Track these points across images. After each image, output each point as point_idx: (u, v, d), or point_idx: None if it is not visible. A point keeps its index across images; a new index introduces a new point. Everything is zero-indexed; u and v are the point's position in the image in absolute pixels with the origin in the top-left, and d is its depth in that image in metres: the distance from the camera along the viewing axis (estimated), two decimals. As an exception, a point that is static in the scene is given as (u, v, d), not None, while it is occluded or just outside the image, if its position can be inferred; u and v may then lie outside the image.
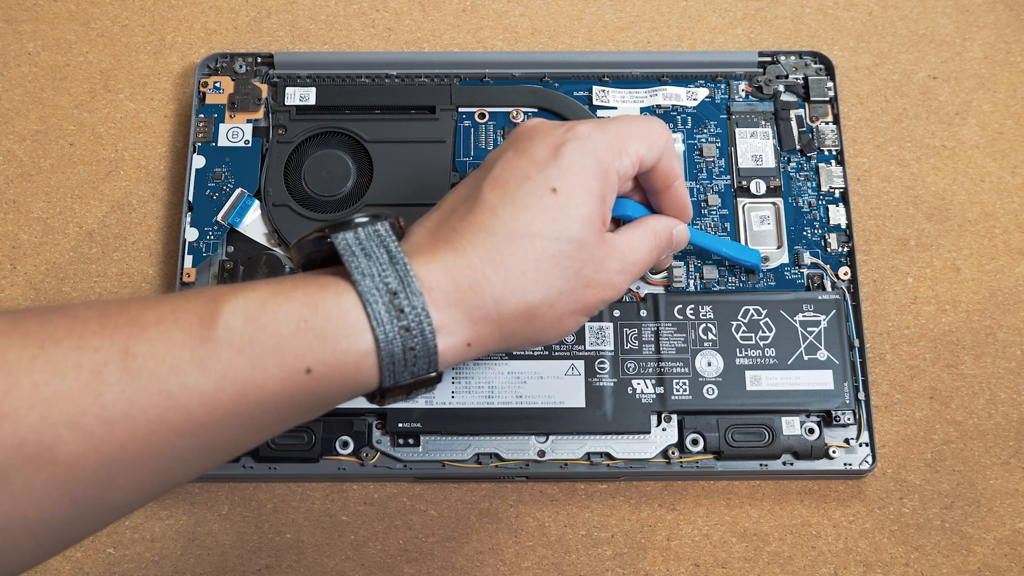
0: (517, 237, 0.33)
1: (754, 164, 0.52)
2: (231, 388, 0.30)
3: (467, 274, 0.33)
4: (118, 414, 0.28)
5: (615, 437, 0.46)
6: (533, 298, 0.34)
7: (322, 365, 0.31)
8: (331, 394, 0.32)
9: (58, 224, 0.52)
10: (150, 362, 0.29)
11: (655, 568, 0.46)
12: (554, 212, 0.34)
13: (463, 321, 0.33)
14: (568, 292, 0.34)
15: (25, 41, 0.56)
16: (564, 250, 0.34)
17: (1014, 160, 0.53)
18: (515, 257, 0.33)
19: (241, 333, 0.30)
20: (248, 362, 0.30)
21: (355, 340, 0.31)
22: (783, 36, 0.56)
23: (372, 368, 0.32)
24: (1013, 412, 0.49)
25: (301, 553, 0.46)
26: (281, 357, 0.30)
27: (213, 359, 0.29)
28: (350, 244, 0.32)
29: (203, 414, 0.29)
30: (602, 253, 0.35)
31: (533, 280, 0.33)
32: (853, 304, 0.49)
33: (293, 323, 0.31)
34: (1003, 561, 0.46)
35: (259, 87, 0.53)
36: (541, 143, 0.36)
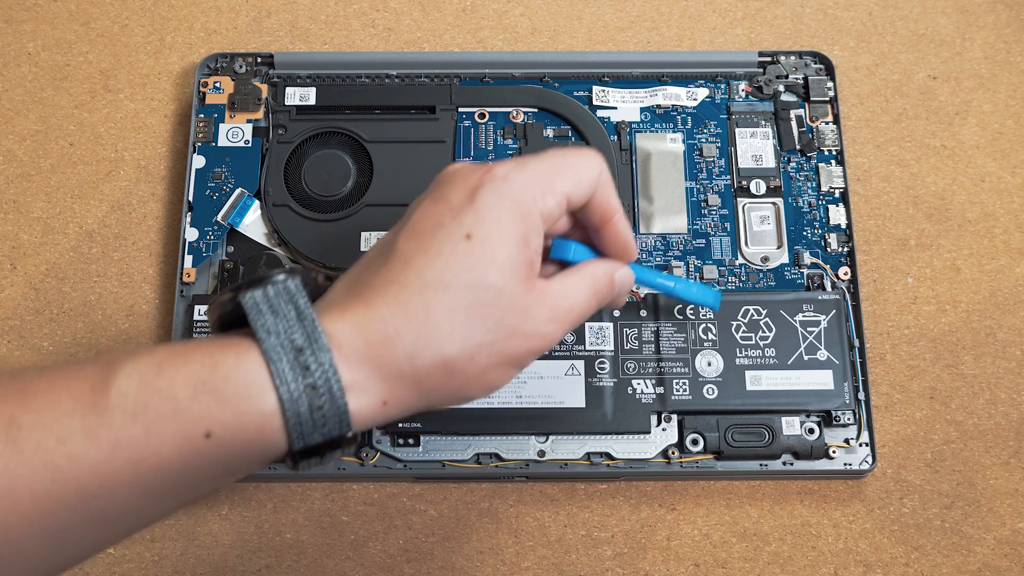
0: (430, 287, 0.31)
1: (754, 164, 0.52)
2: (124, 457, 0.28)
3: (378, 329, 0.31)
4: (1, 490, 0.27)
5: (615, 437, 0.46)
6: (450, 351, 0.31)
7: (222, 428, 0.29)
8: (236, 459, 0.30)
9: (58, 224, 0.52)
10: (36, 433, 0.27)
11: (655, 568, 0.46)
12: (469, 260, 0.32)
13: (376, 378, 0.31)
14: (489, 343, 0.32)
15: (25, 41, 0.56)
16: (481, 299, 0.31)
17: (1014, 160, 0.53)
18: (428, 309, 0.31)
19: (135, 398, 0.28)
20: (142, 429, 0.28)
21: (257, 400, 0.29)
22: (783, 36, 0.56)
23: (278, 430, 0.30)
24: (1013, 412, 0.49)
25: (301, 553, 0.46)
26: (178, 422, 0.28)
27: (104, 427, 0.28)
28: (257, 302, 0.30)
29: (94, 486, 0.28)
30: (527, 300, 0.33)
31: (448, 332, 0.31)
32: (853, 304, 0.49)
33: (190, 386, 0.29)
34: (1003, 561, 0.46)
35: (259, 87, 0.53)
36: (457, 188, 0.33)
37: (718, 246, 0.50)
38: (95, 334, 0.50)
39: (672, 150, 0.52)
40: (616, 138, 0.52)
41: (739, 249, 0.50)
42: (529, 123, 0.52)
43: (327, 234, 0.50)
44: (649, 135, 0.52)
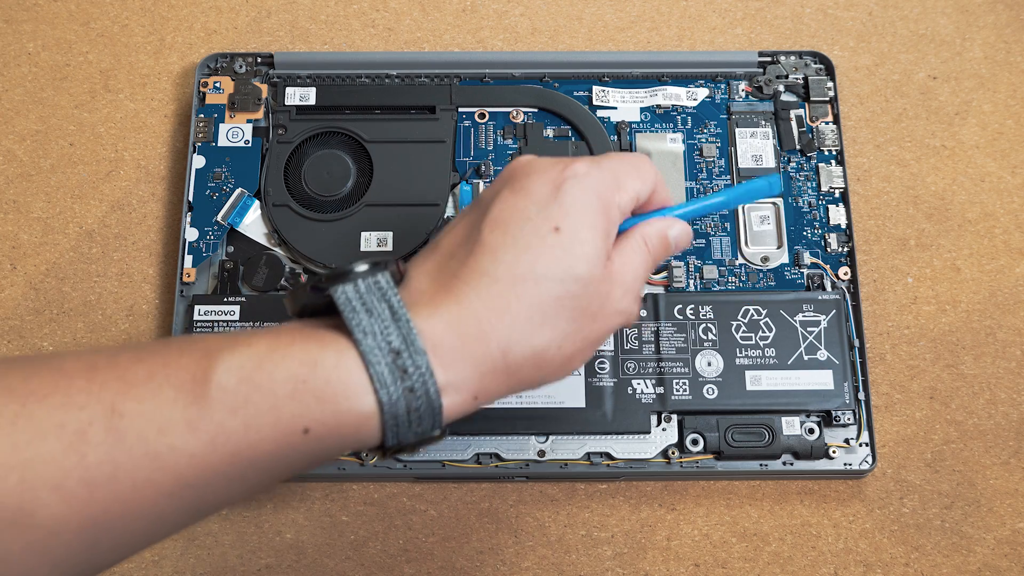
0: (521, 281, 0.32)
1: (754, 164, 0.52)
2: (223, 450, 0.28)
3: (471, 324, 0.31)
4: (102, 477, 0.27)
5: (615, 437, 0.46)
6: (540, 342, 0.32)
7: (320, 426, 0.30)
8: (329, 452, 0.31)
9: (58, 224, 0.52)
10: (138, 422, 0.28)
11: (655, 568, 0.46)
12: (558, 252, 0.32)
13: (469, 376, 0.31)
14: (575, 331, 0.33)
15: (25, 41, 0.56)
16: (571, 290, 0.33)
17: (1014, 160, 0.53)
18: (520, 302, 0.32)
19: (235, 392, 0.29)
20: (241, 423, 0.29)
21: (356, 402, 0.30)
22: (783, 36, 0.56)
23: (374, 429, 0.30)
24: (1013, 412, 0.49)
25: (301, 553, 0.46)
26: (277, 417, 0.29)
27: (205, 420, 0.28)
28: (350, 299, 0.31)
29: (192, 476, 0.28)
30: (607, 287, 0.34)
31: (540, 324, 0.32)
32: (853, 304, 0.49)
33: (290, 383, 0.29)
34: (1003, 561, 0.46)
35: (259, 87, 0.53)
36: (539, 181, 0.34)
37: (718, 246, 0.50)
38: (95, 334, 0.50)
39: (672, 150, 0.52)
40: (616, 138, 0.52)
41: (739, 249, 0.50)
42: (529, 123, 0.52)
43: (327, 234, 0.50)
44: (649, 135, 0.52)
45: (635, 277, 0.35)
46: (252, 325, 0.48)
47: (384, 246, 0.49)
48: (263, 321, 0.48)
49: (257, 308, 0.48)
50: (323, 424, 0.30)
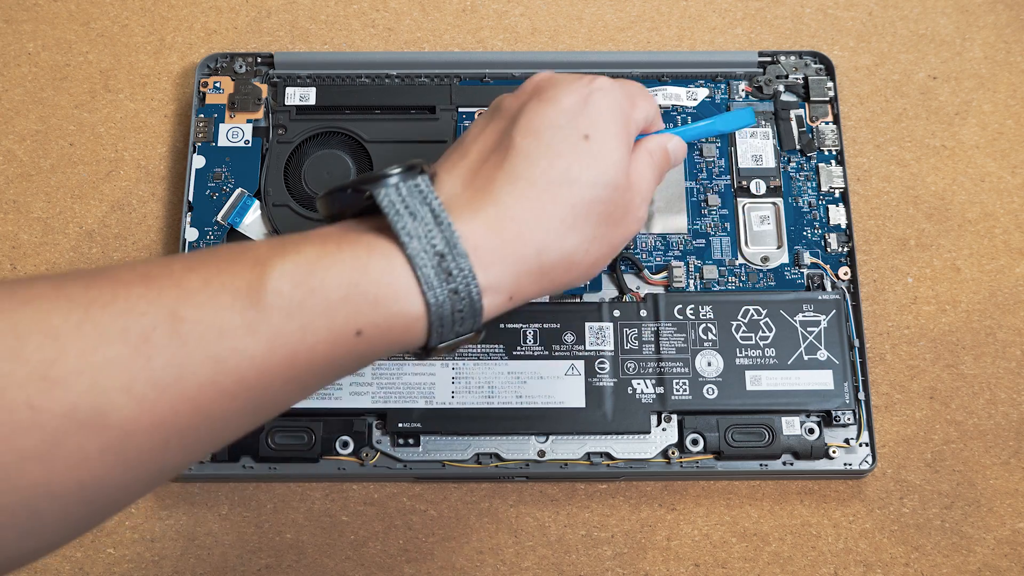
0: (556, 184, 0.34)
1: (754, 164, 0.52)
2: (281, 352, 0.29)
3: (510, 228, 0.33)
4: (169, 379, 0.28)
5: (615, 437, 0.46)
6: (571, 244, 0.34)
7: (373, 327, 0.31)
8: (378, 353, 0.32)
9: (58, 224, 0.52)
10: (199, 327, 0.28)
11: (655, 568, 0.46)
12: (588, 158, 0.34)
13: (507, 277, 0.33)
14: (601, 235, 0.35)
15: (25, 41, 0.56)
16: (600, 195, 0.34)
17: (1014, 160, 0.53)
18: (556, 205, 0.33)
19: (290, 297, 0.30)
20: (298, 326, 0.30)
21: (406, 304, 0.31)
22: (783, 36, 0.56)
23: (421, 330, 0.32)
24: (1013, 412, 0.49)
25: (301, 553, 0.46)
26: (331, 320, 0.30)
27: (263, 323, 0.29)
28: (393, 201, 0.32)
29: (253, 377, 0.29)
30: (629, 194, 0.36)
31: (572, 227, 0.34)
32: (853, 304, 0.49)
33: (343, 287, 0.30)
34: (1003, 561, 0.46)
35: (259, 87, 0.53)
36: (568, 92, 0.36)
37: (718, 246, 0.50)
38: (95, 334, 0.50)
39: (672, 150, 0.52)
40: (616, 138, 0.52)
41: (739, 249, 0.50)
42: (529, 123, 0.52)
43: (327, 234, 0.50)
44: (649, 135, 0.52)
45: (648, 187, 0.38)
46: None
47: (384, 246, 0.49)
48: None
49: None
50: (375, 326, 0.31)
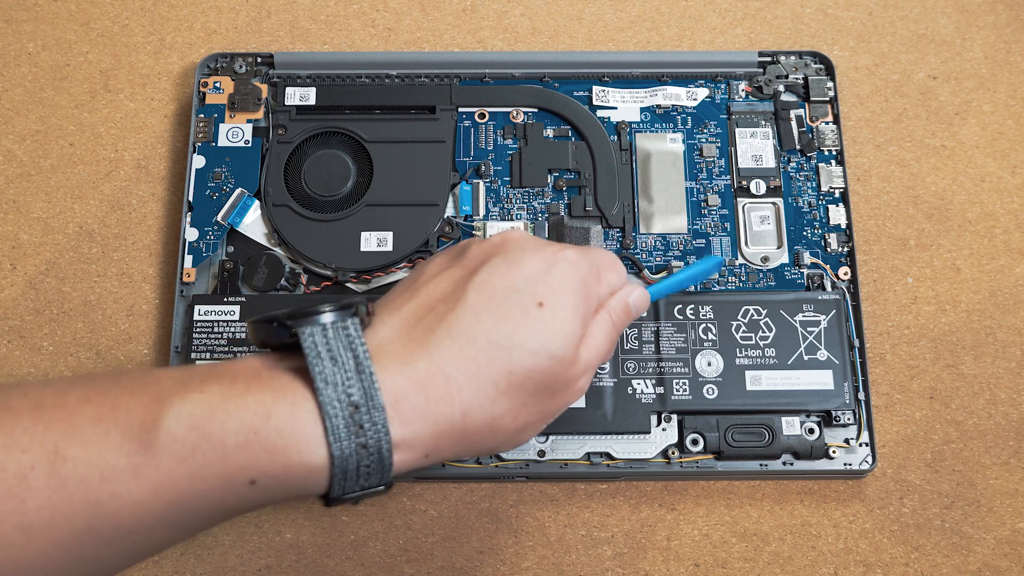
0: (496, 347, 0.32)
1: (754, 164, 0.52)
2: (167, 497, 0.28)
3: (439, 385, 0.31)
4: (41, 523, 0.26)
5: (615, 437, 0.46)
6: (499, 410, 0.33)
7: (268, 478, 0.29)
8: (274, 500, 0.30)
9: (58, 224, 0.52)
10: (81, 467, 0.27)
11: (655, 568, 0.46)
12: (539, 326, 0.33)
13: (426, 434, 0.31)
14: (533, 404, 0.34)
15: (25, 41, 0.56)
16: (541, 365, 0.33)
17: (1014, 160, 0.53)
18: (492, 368, 0.32)
19: (184, 442, 0.28)
20: (187, 472, 0.28)
21: (307, 455, 0.29)
22: (783, 36, 0.56)
23: (322, 481, 0.30)
24: (1013, 412, 0.49)
25: (301, 553, 0.46)
26: (224, 469, 0.29)
27: (150, 468, 0.28)
28: (316, 344, 0.30)
29: (133, 523, 0.28)
30: (573, 369, 0.35)
31: (503, 392, 0.32)
32: (853, 304, 0.49)
33: (242, 433, 0.29)
34: (1003, 561, 0.46)
35: (259, 87, 0.53)
36: (533, 257, 0.35)
37: (718, 246, 0.50)
38: (95, 334, 0.50)
39: (672, 150, 0.52)
40: (616, 138, 0.52)
41: (739, 249, 0.50)
42: (529, 123, 0.52)
43: (327, 234, 0.50)
44: (649, 135, 0.52)
45: (599, 358, 0.36)
46: (252, 325, 0.48)
47: (384, 246, 0.49)
48: (263, 321, 0.48)
49: (257, 308, 0.48)
50: (271, 476, 0.29)
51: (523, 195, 0.51)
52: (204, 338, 0.48)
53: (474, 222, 0.50)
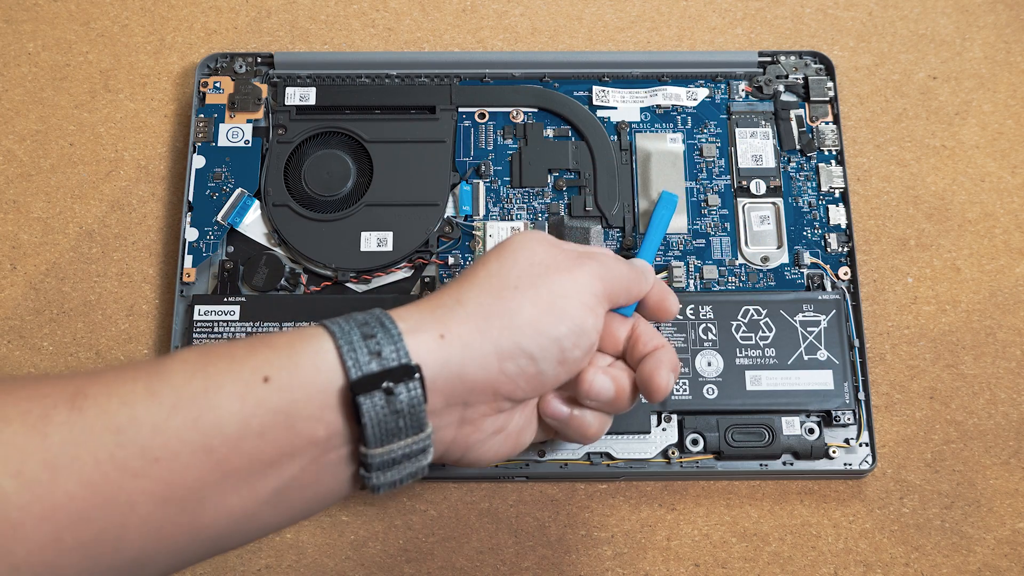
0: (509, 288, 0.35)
1: (754, 164, 0.52)
2: (185, 413, 0.28)
3: (441, 294, 0.34)
4: (65, 457, 0.26)
5: (615, 437, 0.46)
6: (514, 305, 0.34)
7: (279, 371, 0.29)
8: (297, 412, 0.29)
9: (58, 224, 0.52)
10: (101, 398, 0.27)
11: (655, 568, 0.46)
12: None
13: (428, 317, 0.33)
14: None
15: (25, 41, 0.56)
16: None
17: (1014, 160, 0.53)
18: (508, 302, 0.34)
19: (196, 361, 0.29)
20: (201, 384, 0.28)
21: (311, 342, 0.30)
22: (783, 36, 0.56)
23: (333, 363, 0.30)
24: (1013, 412, 0.49)
25: (301, 553, 0.46)
26: (236, 372, 0.29)
27: (166, 386, 0.28)
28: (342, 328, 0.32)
29: (156, 446, 0.27)
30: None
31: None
32: (853, 304, 0.49)
33: (249, 345, 0.30)
34: (1003, 561, 0.46)
35: (259, 87, 0.53)
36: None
37: (718, 246, 0.50)
38: (95, 334, 0.50)
39: (672, 150, 0.52)
40: (616, 138, 0.52)
41: (739, 249, 0.50)
42: (529, 123, 0.52)
43: (327, 234, 0.50)
44: (649, 135, 0.52)
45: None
46: (252, 325, 0.48)
47: (384, 246, 0.49)
48: (263, 321, 0.48)
49: (257, 308, 0.48)
50: (281, 368, 0.29)
51: (523, 195, 0.51)
52: (204, 338, 0.48)
53: (474, 222, 0.50)
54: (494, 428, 0.36)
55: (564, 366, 0.35)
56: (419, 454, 0.32)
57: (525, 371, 0.34)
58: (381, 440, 0.30)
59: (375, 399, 0.30)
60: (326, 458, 0.30)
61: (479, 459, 0.36)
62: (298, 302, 0.48)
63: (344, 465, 0.31)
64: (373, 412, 0.30)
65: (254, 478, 0.29)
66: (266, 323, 0.48)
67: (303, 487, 0.30)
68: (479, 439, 0.35)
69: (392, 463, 0.31)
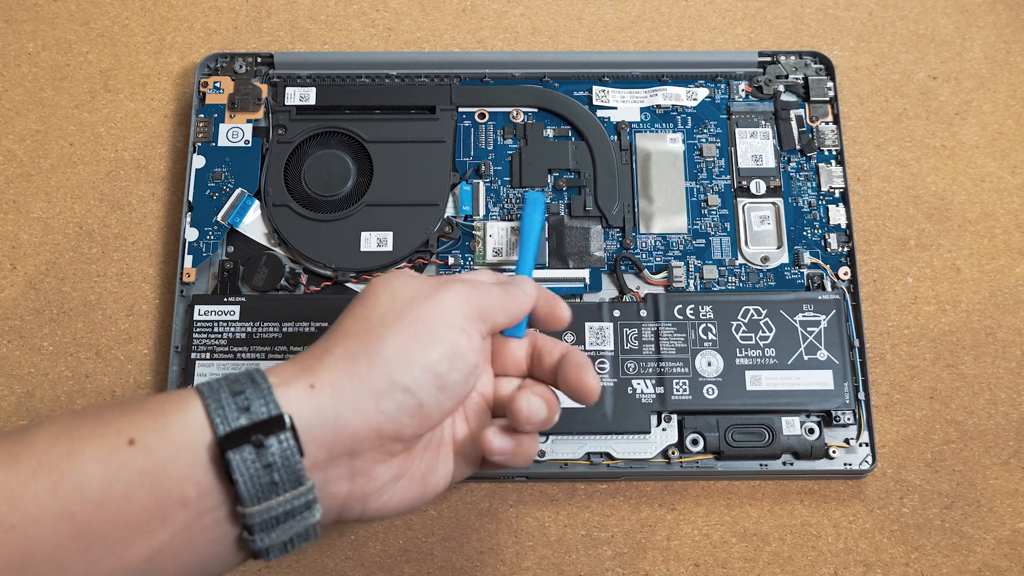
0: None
1: (754, 164, 0.52)
2: (45, 478, 0.27)
3: (318, 346, 0.33)
4: None
5: (615, 437, 0.46)
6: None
7: (146, 433, 0.28)
8: (165, 471, 0.28)
9: (58, 224, 0.52)
10: None
11: (655, 568, 0.46)
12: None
13: (297, 368, 0.32)
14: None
15: (25, 41, 0.56)
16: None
17: (1014, 160, 0.53)
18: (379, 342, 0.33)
19: (63, 425, 0.28)
20: (65, 448, 0.27)
21: (181, 403, 0.30)
22: (783, 36, 0.56)
23: (201, 420, 0.29)
24: (1013, 412, 0.49)
25: (301, 553, 0.46)
26: (102, 435, 0.28)
27: (27, 451, 0.27)
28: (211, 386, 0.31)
29: (11, 513, 0.26)
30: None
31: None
32: (853, 304, 0.49)
33: (118, 408, 0.29)
34: (1003, 561, 0.46)
35: (259, 87, 0.53)
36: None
37: (718, 246, 0.50)
38: (95, 334, 0.50)
39: (672, 150, 0.52)
40: (616, 138, 0.52)
41: (739, 249, 0.50)
42: (529, 123, 0.52)
43: (327, 234, 0.50)
44: (649, 135, 0.52)
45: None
46: (252, 325, 0.48)
47: (384, 246, 0.49)
48: (263, 321, 0.48)
49: (257, 308, 0.48)
50: (148, 430, 0.29)
51: (523, 195, 0.51)
52: (204, 338, 0.48)
53: (474, 222, 0.50)
54: (391, 475, 0.34)
55: (445, 392, 0.33)
56: (303, 511, 0.31)
57: (404, 406, 0.32)
58: (257, 497, 0.29)
59: (245, 454, 0.29)
60: (201, 522, 0.29)
61: (383, 510, 0.34)
62: (298, 302, 0.48)
63: (222, 528, 0.30)
64: (244, 467, 0.29)
65: (121, 545, 0.28)
66: (266, 323, 0.47)
67: (177, 553, 0.29)
68: (376, 488, 0.33)
69: (275, 522, 0.30)
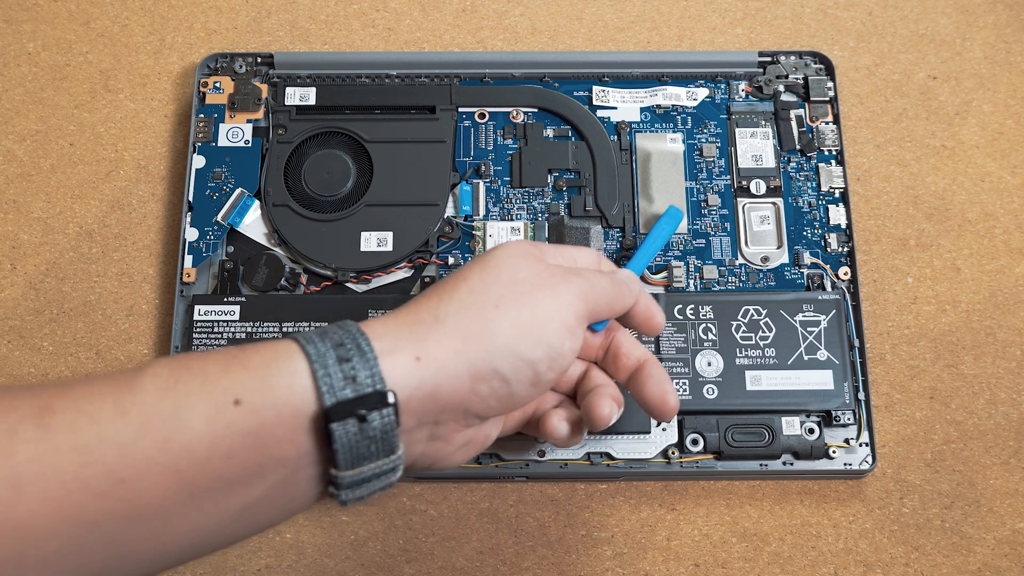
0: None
1: (754, 164, 0.52)
2: (153, 434, 0.27)
3: (417, 308, 0.33)
4: (30, 475, 0.26)
5: (615, 437, 0.46)
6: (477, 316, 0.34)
7: (251, 393, 0.29)
8: (268, 435, 0.29)
9: (58, 224, 0.52)
10: (68, 415, 0.27)
11: (655, 568, 0.46)
12: None
13: (405, 337, 0.32)
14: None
15: (25, 41, 0.56)
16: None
17: (1014, 160, 0.53)
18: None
19: (167, 377, 0.28)
20: (172, 404, 0.28)
21: (285, 362, 0.30)
22: (783, 36, 0.56)
23: (307, 386, 0.30)
24: (1013, 412, 0.49)
25: (301, 553, 0.46)
26: (207, 392, 0.28)
27: (136, 405, 0.28)
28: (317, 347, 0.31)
29: (122, 467, 0.27)
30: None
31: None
32: (853, 304, 0.49)
33: (221, 363, 0.29)
34: (1003, 561, 0.46)
35: (259, 87, 0.53)
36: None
37: (718, 246, 0.50)
38: (95, 334, 0.50)
39: (672, 150, 0.52)
40: (616, 138, 0.52)
41: (739, 249, 0.50)
42: (529, 123, 0.52)
43: (327, 234, 0.50)
44: (649, 135, 0.52)
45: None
46: (252, 325, 0.48)
47: (384, 246, 0.49)
48: (263, 321, 0.48)
49: (257, 308, 0.48)
50: (253, 391, 0.29)
51: (523, 195, 0.51)
52: (204, 338, 0.48)
53: (474, 222, 0.50)
54: (464, 440, 0.36)
55: (537, 388, 0.35)
56: (388, 472, 0.32)
57: (497, 392, 0.33)
58: (352, 463, 0.30)
59: (348, 426, 0.30)
60: (295, 476, 0.30)
61: (446, 465, 0.36)
62: (298, 302, 0.48)
63: (313, 482, 0.31)
64: (346, 438, 0.30)
65: (221, 496, 0.29)
66: (266, 323, 0.48)
67: (271, 502, 0.30)
68: (449, 452, 0.35)
69: (362, 482, 0.31)
